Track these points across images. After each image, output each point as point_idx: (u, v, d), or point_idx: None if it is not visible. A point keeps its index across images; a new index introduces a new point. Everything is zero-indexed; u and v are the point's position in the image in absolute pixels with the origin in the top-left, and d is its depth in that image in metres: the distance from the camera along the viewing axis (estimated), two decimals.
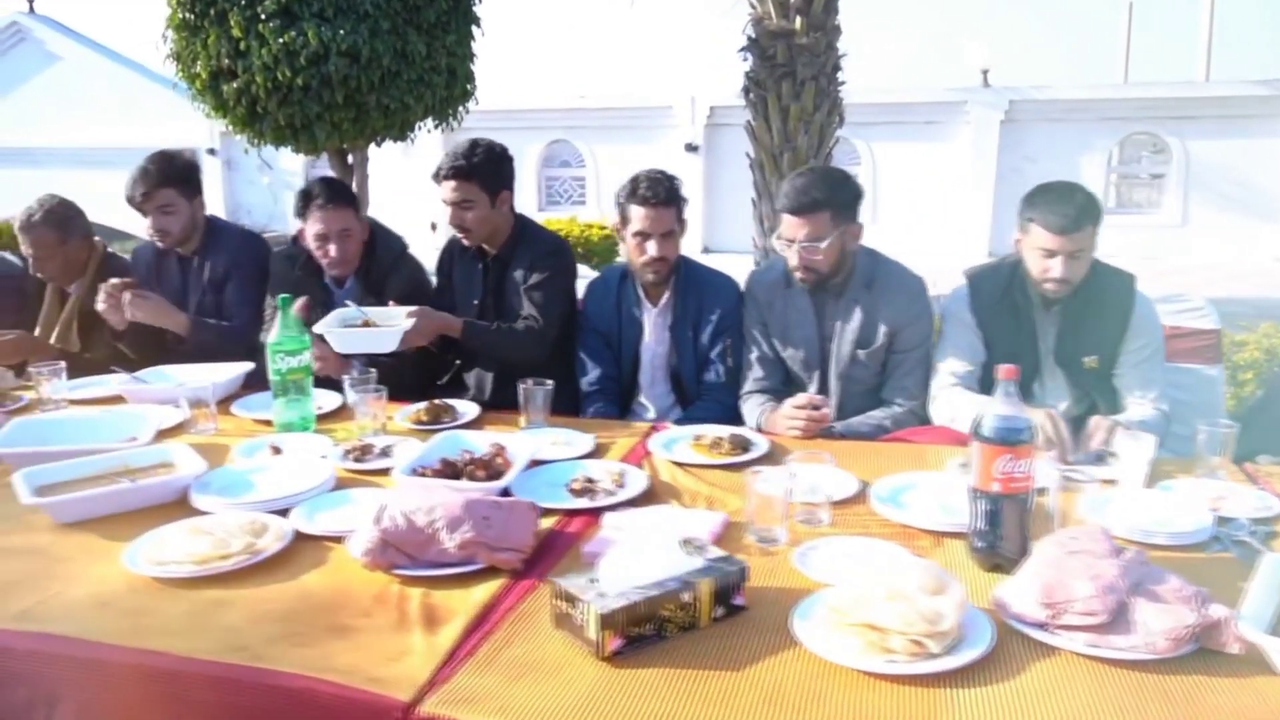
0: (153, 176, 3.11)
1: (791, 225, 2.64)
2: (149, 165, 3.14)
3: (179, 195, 3.16)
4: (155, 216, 3.13)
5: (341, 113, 7.41)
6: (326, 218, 2.93)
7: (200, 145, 16.59)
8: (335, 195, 2.96)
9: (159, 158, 3.18)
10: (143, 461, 2.06)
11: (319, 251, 2.99)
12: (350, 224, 2.99)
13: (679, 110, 14.23)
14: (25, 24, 17.91)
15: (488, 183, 2.94)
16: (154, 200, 3.11)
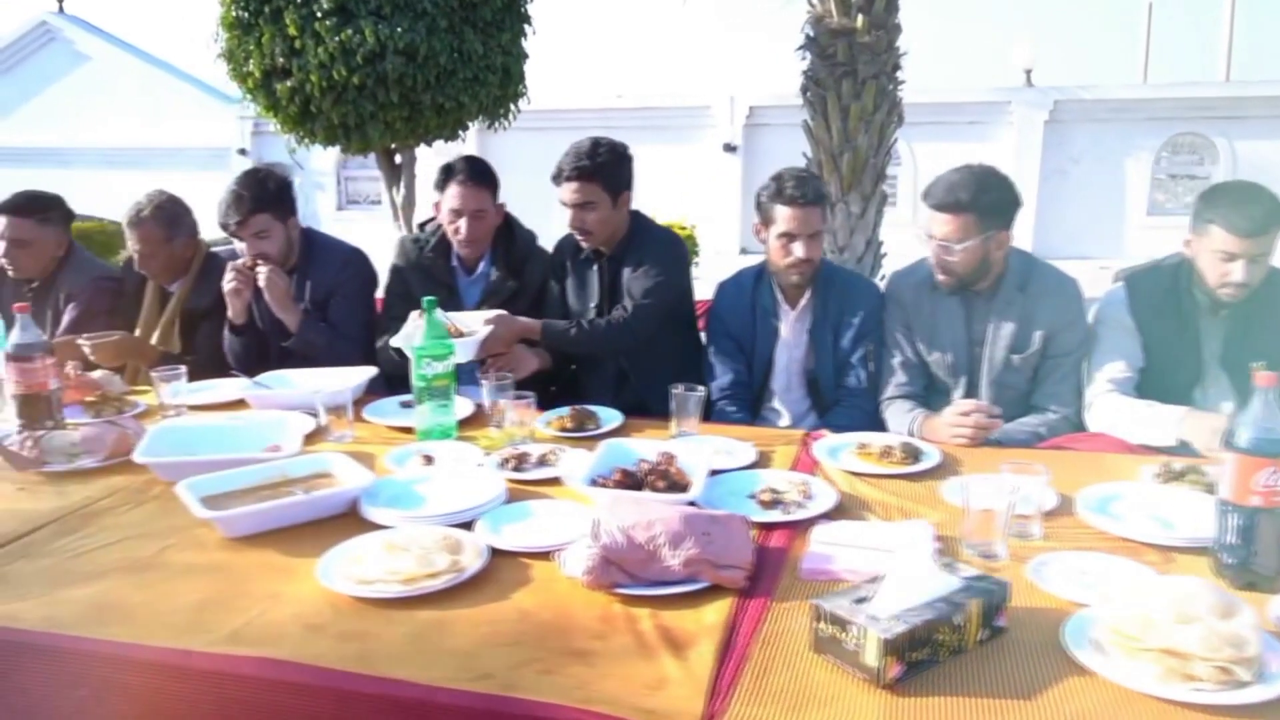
0: (246, 203, 2.95)
1: (933, 221, 2.56)
2: (242, 190, 2.96)
3: (273, 219, 3.01)
4: (251, 243, 2.98)
5: (395, 112, 7.36)
6: (464, 194, 2.89)
7: (230, 145, 16.61)
8: (477, 174, 2.92)
9: (250, 181, 3.01)
10: (301, 471, 1.97)
11: (450, 227, 2.95)
12: (486, 205, 2.95)
13: (717, 110, 14.14)
14: (55, 24, 17.96)
15: (610, 183, 2.87)
16: (249, 227, 2.96)
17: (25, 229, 3.22)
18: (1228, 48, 17.18)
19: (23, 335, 2.25)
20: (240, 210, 2.95)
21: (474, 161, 2.96)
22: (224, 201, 2.96)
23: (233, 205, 2.95)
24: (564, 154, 2.88)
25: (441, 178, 2.95)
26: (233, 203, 2.95)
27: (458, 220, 2.93)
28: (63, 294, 3.29)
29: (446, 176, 2.94)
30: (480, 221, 2.95)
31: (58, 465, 2.10)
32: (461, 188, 2.89)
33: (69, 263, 3.35)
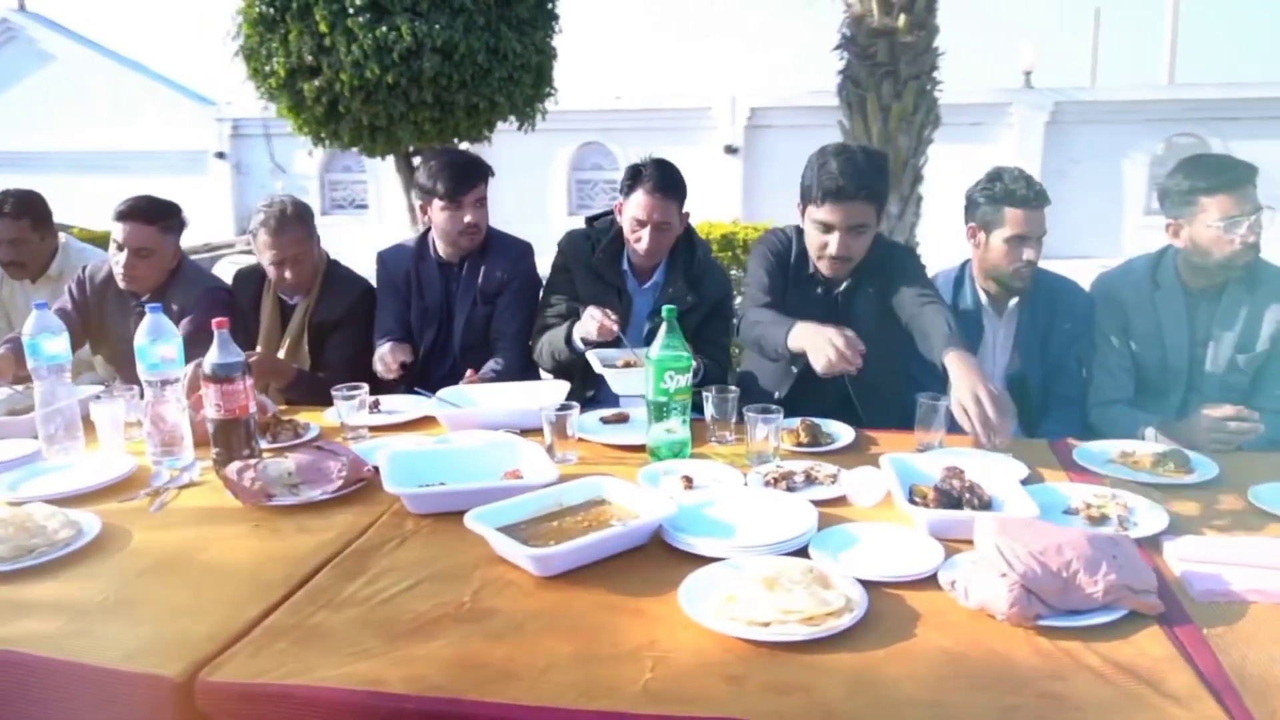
0: (481, 169, 3.01)
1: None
2: (472, 159, 3.03)
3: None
4: (473, 209, 2.98)
5: (426, 112, 7.17)
6: (652, 204, 2.75)
7: (208, 148, 16.21)
8: (668, 183, 2.77)
9: (466, 156, 3.06)
10: (576, 499, 1.82)
11: (632, 236, 2.81)
12: (672, 217, 2.81)
13: (718, 111, 14.07)
14: (16, 21, 17.39)
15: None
16: (476, 193, 2.98)
17: (148, 237, 3.01)
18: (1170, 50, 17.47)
19: (222, 354, 2.06)
20: (473, 177, 2.93)
21: (665, 168, 2.81)
22: (451, 169, 2.91)
23: (464, 173, 2.90)
24: (822, 170, 2.52)
25: (628, 182, 2.81)
26: (465, 171, 2.91)
27: (640, 230, 2.79)
28: (175, 308, 3.08)
29: (634, 181, 2.79)
30: (665, 234, 2.81)
31: (285, 499, 1.93)
32: (650, 197, 2.75)
33: (180, 274, 3.15)
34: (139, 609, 1.50)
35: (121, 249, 3.00)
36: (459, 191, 2.93)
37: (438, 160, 2.99)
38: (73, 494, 1.99)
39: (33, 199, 3.50)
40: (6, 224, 3.40)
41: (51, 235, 3.56)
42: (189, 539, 1.78)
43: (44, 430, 2.33)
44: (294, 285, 3.01)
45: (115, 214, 3.02)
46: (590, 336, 2.67)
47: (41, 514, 1.77)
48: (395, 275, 3.10)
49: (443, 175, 2.93)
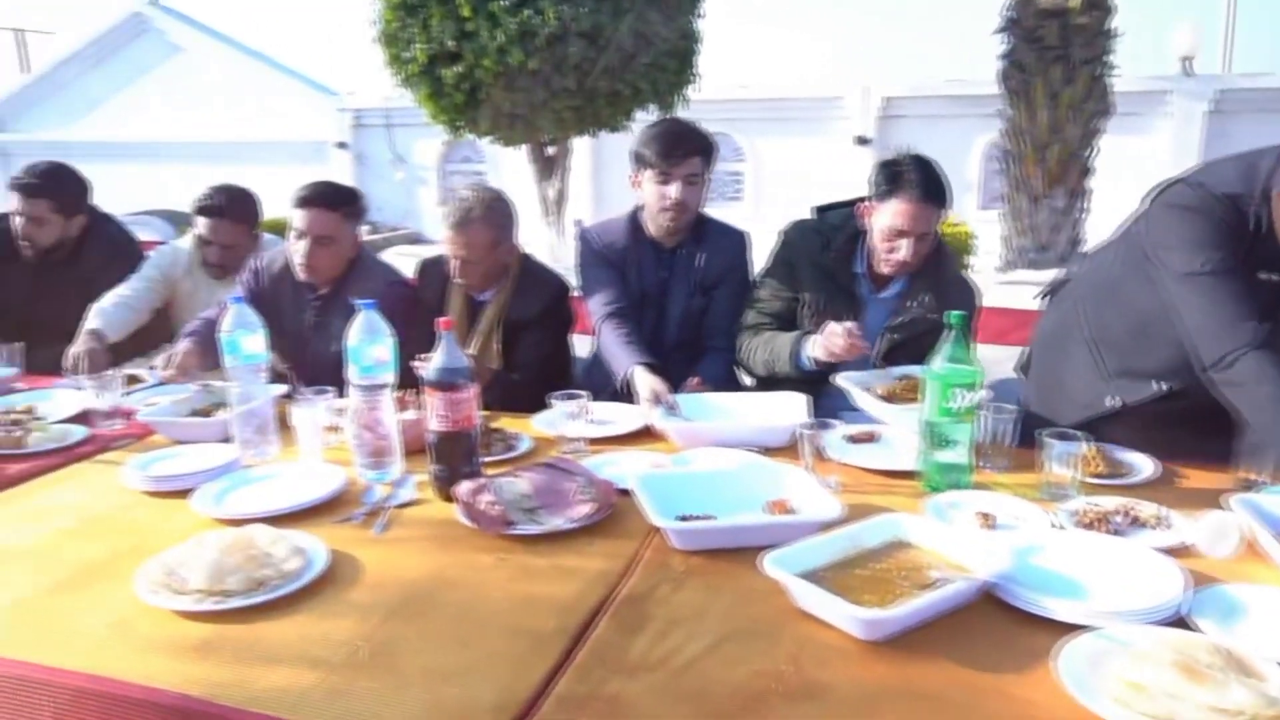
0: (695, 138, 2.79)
1: None
2: (686, 127, 2.81)
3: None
4: (684, 184, 2.77)
5: (568, 100, 7.00)
6: (916, 213, 2.45)
7: (328, 139, 16.45)
8: (936, 189, 2.48)
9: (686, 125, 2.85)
10: (875, 540, 1.56)
11: (885, 246, 2.52)
12: (931, 227, 2.50)
13: (850, 101, 13.63)
14: (148, 14, 17.95)
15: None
16: (685, 167, 2.76)
17: (331, 224, 2.85)
18: None
19: (448, 358, 1.86)
20: (688, 148, 2.73)
21: (929, 171, 2.49)
22: (665, 137, 2.73)
23: (679, 142, 2.73)
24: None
25: (885, 185, 2.50)
26: (680, 140, 2.74)
27: (898, 240, 2.49)
28: (353, 302, 2.91)
29: (893, 185, 2.49)
30: (925, 244, 2.52)
31: (526, 526, 1.71)
32: (914, 205, 2.45)
33: (359, 265, 2.99)
34: (399, 664, 1.29)
35: (302, 237, 2.85)
36: (670, 161, 2.71)
37: (656, 126, 2.78)
38: (285, 511, 1.81)
39: (249, 200, 3.39)
40: (225, 227, 3.30)
41: (258, 235, 3.46)
42: (428, 573, 1.58)
43: (240, 433, 2.18)
44: (470, 284, 2.82)
45: (296, 200, 2.87)
46: (834, 353, 2.38)
47: (264, 538, 1.59)
48: (607, 251, 2.89)
49: (656, 141, 2.72)
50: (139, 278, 3.34)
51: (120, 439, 2.35)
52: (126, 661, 1.32)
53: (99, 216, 3.61)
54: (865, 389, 2.26)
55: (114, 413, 2.46)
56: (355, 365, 1.96)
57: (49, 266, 3.47)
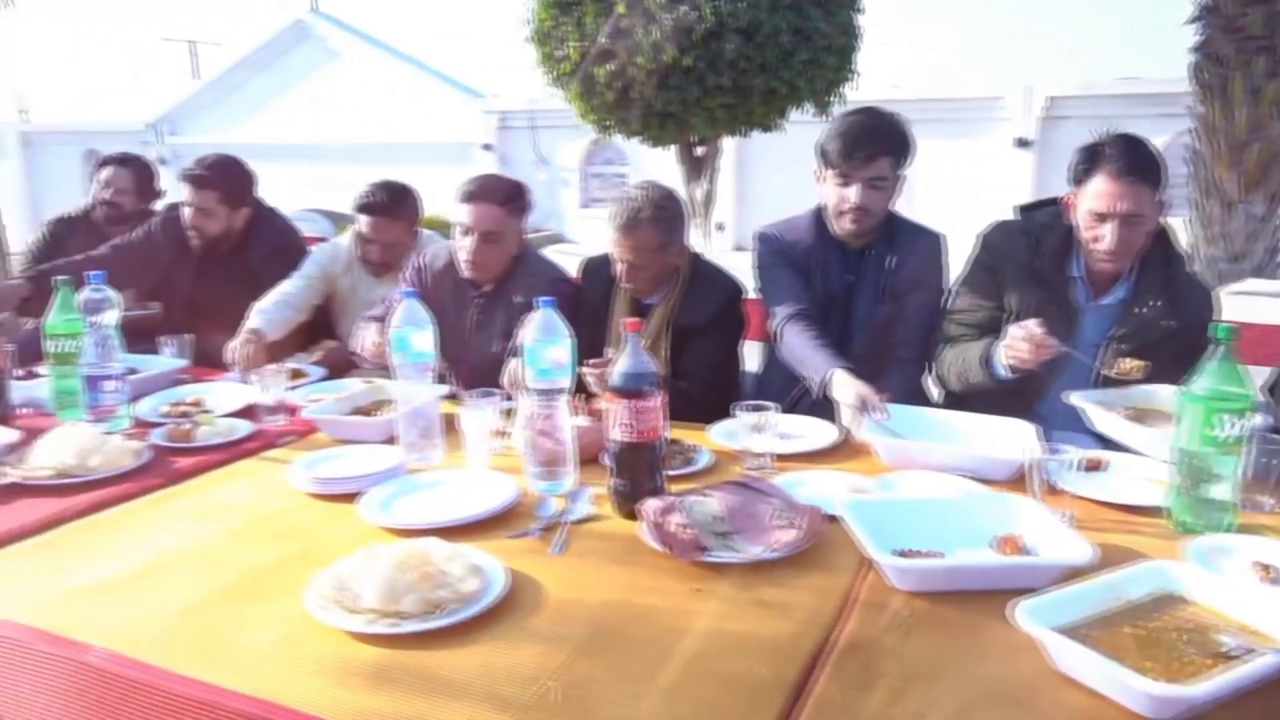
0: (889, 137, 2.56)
1: None
2: (880, 119, 2.58)
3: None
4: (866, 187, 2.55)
5: (721, 98, 6.82)
6: (1118, 191, 2.19)
7: (474, 140, 16.77)
8: (1142, 164, 2.20)
9: None
10: (1139, 592, 1.32)
11: (1090, 234, 2.26)
12: (1146, 209, 2.23)
13: (1011, 101, 13.03)
14: (309, 21, 18.74)
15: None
16: (873, 169, 2.54)
17: (498, 219, 2.75)
18: None
19: (634, 362, 1.70)
20: (874, 147, 2.49)
21: (1133, 145, 2.22)
22: (850, 134, 2.50)
23: (866, 139, 2.49)
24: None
25: (1083, 165, 2.26)
26: (868, 137, 2.49)
27: (1100, 226, 2.23)
28: (517, 300, 2.82)
29: (1090, 164, 2.24)
30: (1135, 229, 2.23)
31: (722, 554, 1.53)
32: (1115, 182, 2.18)
33: (523, 263, 2.88)
34: (597, 713, 1.14)
35: (468, 233, 2.76)
36: (852, 161, 2.48)
37: (844, 119, 2.56)
38: (457, 523, 1.68)
39: (410, 196, 3.36)
40: (386, 225, 3.26)
41: (418, 232, 3.42)
42: (616, 600, 1.42)
43: (405, 435, 2.08)
44: (641, 290, 2.67)
45: (462, 194, 2.78)
46: (1022, 359, 2.14)
47: (440, 554, 1.46)
48: (790, 252, 2.69)
49: (840, 139, 2.50)
50: (300, 275, 3.32)
51: (285, 435, 2.29)
52: (293, 685, 1.20)
53: (264, 210, 3.63)
54: (1107, 408, 2.00)
55: (278, 408, 2.41)
56: (532, 367, 1.82)
57: (215, 258, 3.50)
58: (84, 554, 1.64)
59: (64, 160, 21.19)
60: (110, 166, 3.89)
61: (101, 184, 3.86)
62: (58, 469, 1.94)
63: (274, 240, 3.56)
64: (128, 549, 1.65)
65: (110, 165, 3.90)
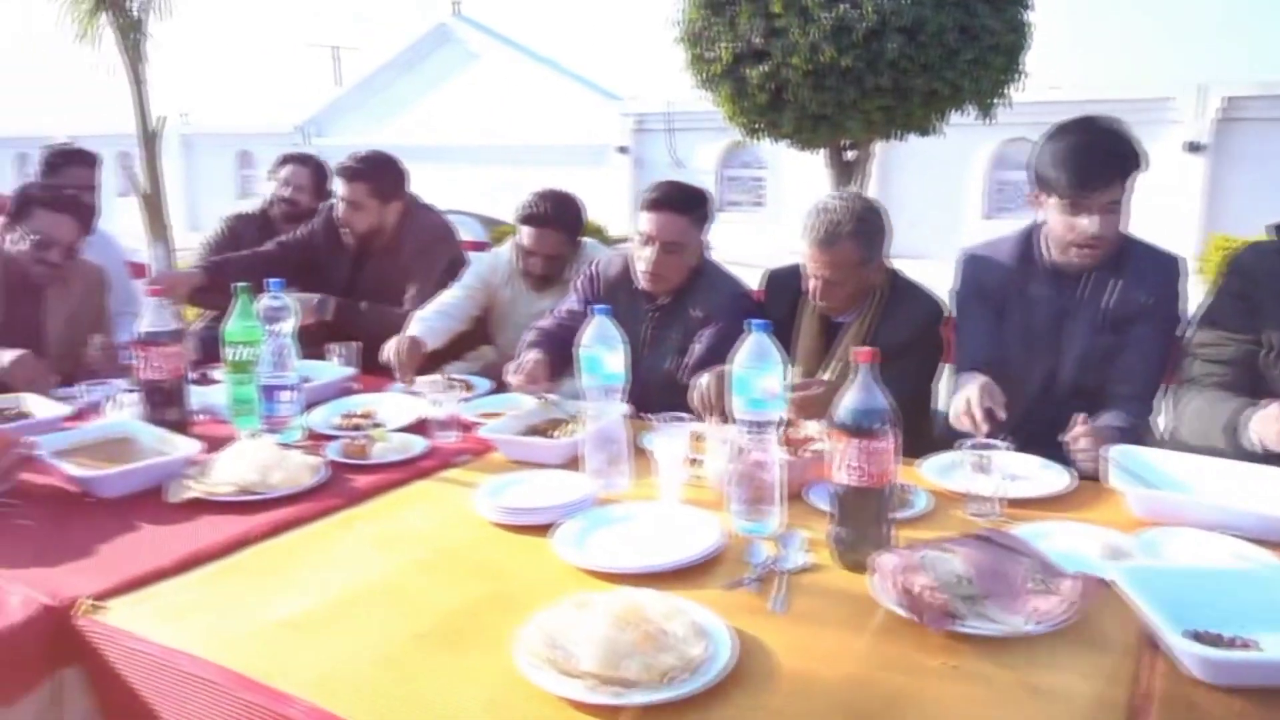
0: None
1: None
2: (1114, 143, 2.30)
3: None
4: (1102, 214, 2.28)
5: (878, 100, 6.54)
6: None
7: (610, 143, 16.80)
8: None
9: None
10: None
11: None
12: None
13: (1182, 102, 12.25)
14: (451, 25, 19.13)
15: None
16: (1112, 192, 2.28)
17: (680, 229, 2.61)
18: None
19: (865, 396, 1.51)
20: (1110, 171, 2.21)
21: None
22: (1080, 159, 2.22)
23: (1100, 164, 2.21)
24: None
25: None
26: (1101, 162, 2.22)
27: None
28: (696, 314, 2.67)
29: None
30: None
31: (977, 625, 1.33)
32: None
33: (702, 275, 2.73)
34: None
35: (649, 242, 2.62)
36: (1085, 188, 2.21)
37: (1065, 138, 2.28)
38: (665, 569, 1.53)
39: (574, 207, 3.24)
40: (550, 237, 3.15)
41: (580, 243, 3.31)
42: (861, 679, 1.24)
43: (592, 460, 1.95)
44: (835, 309, 2.49)
45: (644, 202, 2.65)
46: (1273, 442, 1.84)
47: (658, 609, 1.31)
48: (987, 280, 2.46)
49: (1067, 166, 2.21)
50: (460, 286, 3.26)
51: (460, 454, 2.19)
52: None
53: (417, 206, 3.57)
54: None
55: (450, 423, 2.32)
56: (741, 396, 1.66)
57: (368, 255, 3.46)
58: (269, 582, 1.56)
59: (219, 161, 22.24)
60: (290, 164, 3.92)
61: (281, 181, 3.89)
62: (239, 485, 1.88)
63: (425, 236, 3.49)
64: (314, 579, 1.57)
65: (290, 163, 3.93)
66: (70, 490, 1.94)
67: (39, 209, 2.84)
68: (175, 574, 1.57)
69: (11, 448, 1.87)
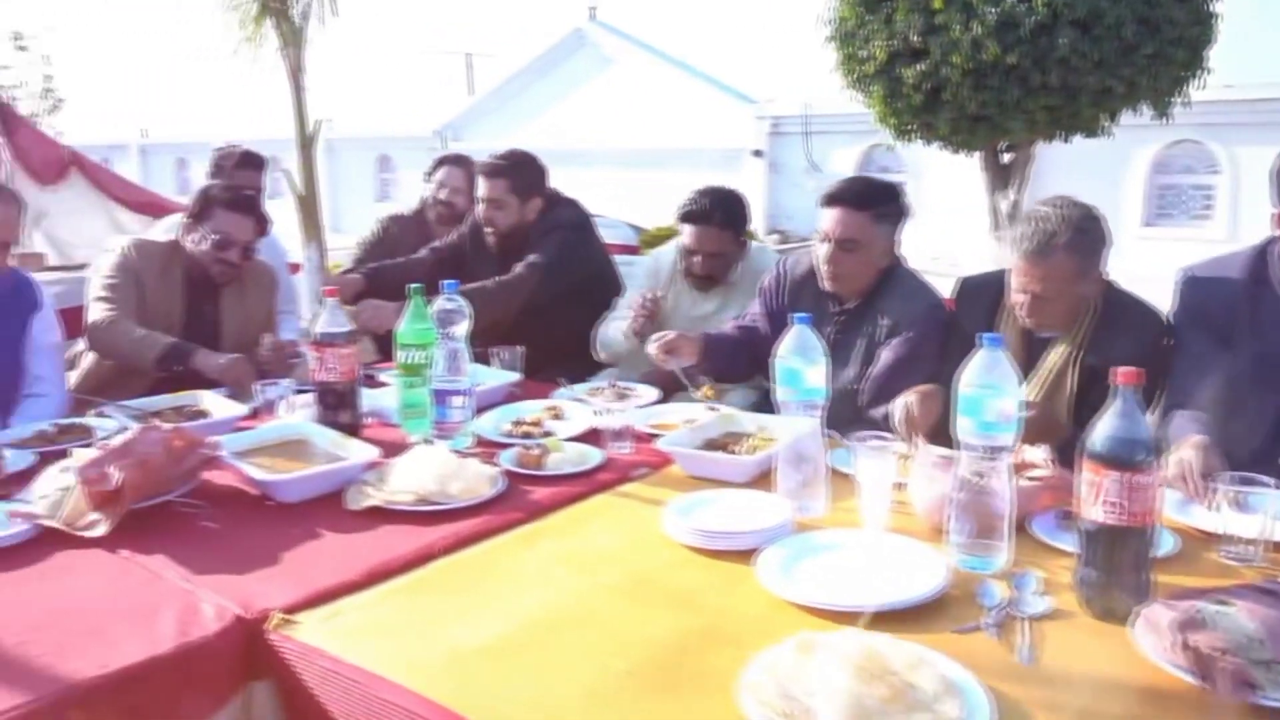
0: None
1: None
2: None
3: None
4: None
5: (1045, 98, 6.20)
6: None
7: (744, 146, 16.62)
8: None
9: None
10: None
11: None
12: None
13: None
14: (586, 30, 19.28)
15: None
16: None
17: (856, 226, 2.47)
18: None
19: (1126, 424, 1.33)
20: None
21: None
22: None
23: None
24: None
25: None
26: None
27: None
28: (885, 322, 2.51)
29: None
30: None
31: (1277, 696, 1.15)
32: None
33: (893, 279, 2.57)
34: None
35: (825, 240, 2.49)
36: None
37: None
38: (893, 608, 1.39)
39: (737, 203, 3.13)
40: (712, 234, 3.05)
41: (745, 242, 3.20)
42: None
43: (786, 480, 1.81)
44: (1046, 326, 2.28)
45: (822, 199, 2.54)
46: None
47: (899, 658, 1.17)
48: (1210, 305, 2.22)
49: None
50: (631, 291, 3.22)
51: (637, 467, 2.09)
52: None
53: (557, 200, 3.50)
54: None
55: (624, 433, 2.22)
56: (971, 418, 1.50)
57: (509, 256, 3.39)
58: (458, 601, 1.48)
59: (360, 165, 22.97)
60: (445, 166, 3.93)
61: (437, 184, 3.89)
62: (419, 494, 1.82)
63: (563, 231, 3.40)
64: (504, 600, 1.48)
65: (445, 165, 3.94)
66: (249, 492, 1.92)
67: (220, 209, 2.88)
68: (363, 587, 1.52)
69: (197, 448, 1.85)
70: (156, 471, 1.77)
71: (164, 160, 25.22)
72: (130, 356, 2.75)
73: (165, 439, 1.80)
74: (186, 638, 1.34)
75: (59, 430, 2.29)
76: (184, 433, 1.86)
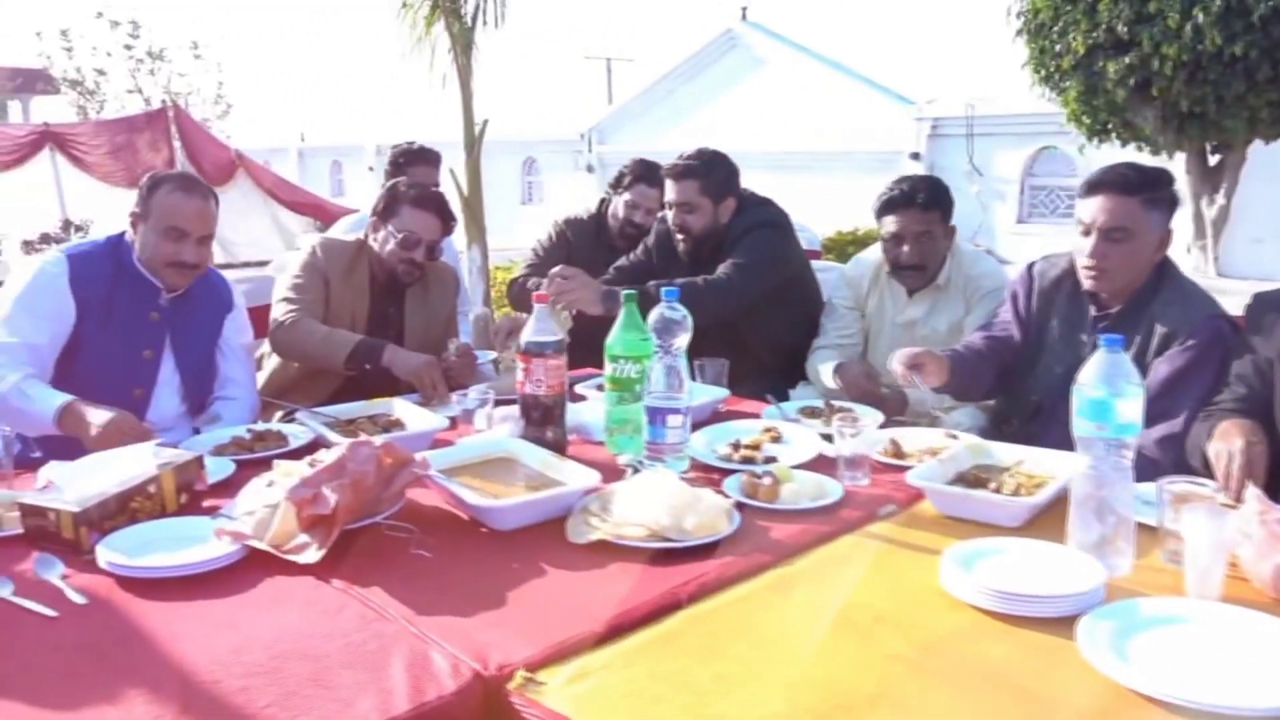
0: None
1: None
2: None
3: None
4: None
5: (1271, 93, 5.63)
6: None
7: (902, 149, 16.08)
8: None
9: None
10: None
11: None
12: None
13: None
14: (737, 30, 19.03)
15: None
16: None
17: (1129, 213, 2.18)
18: None
19: None
20: None
21: None
22: None
23: None
24: None
25: None
26: None
27: None
28: (1159, 330, 2.20)
29: None
30: None
31: None
32: None
33: (1170, 284, 2.26)
34: None
35: (1088, 232, 2.21)
36: None
37: None
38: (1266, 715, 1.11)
39: (938, 185, 2.89)
40: (916, 216, 2.81)
41: (953, 229, 2.93)
42: None
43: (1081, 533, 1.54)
44: None
45: (1084, 186, 2.26)
46: None
47: None
48: None
49: None
50: (836, 302, 2.99)
51: (882, 503, 1.84)
52: None
53: (752, 201, 3.27)
54: None
55: (859, 461, 1.97)
56: None
57: (701, 263, 3.16)
58: (720, 667, 1.26)
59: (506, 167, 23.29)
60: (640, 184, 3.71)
61: (628, 204, 3.69)
62: (651, 529, 1.62)
63: (755, 221, 3.16)
64: (770, 667, 1.27)
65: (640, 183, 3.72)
66: (454, 514, 1.77)
67: (407, 207, 2.77)
68: (606, 640, 1.32)
69: (408, 466, 1.70)
70: (368, 492, 1.63)
71: (320, 162, 26.16)
72: (317, 356, 2.66)
73: (377, 456, 1.65)
74: (423, 696, 1.17)
75: (254, 437, 2.19)
76: (394, 449, 1.71)
